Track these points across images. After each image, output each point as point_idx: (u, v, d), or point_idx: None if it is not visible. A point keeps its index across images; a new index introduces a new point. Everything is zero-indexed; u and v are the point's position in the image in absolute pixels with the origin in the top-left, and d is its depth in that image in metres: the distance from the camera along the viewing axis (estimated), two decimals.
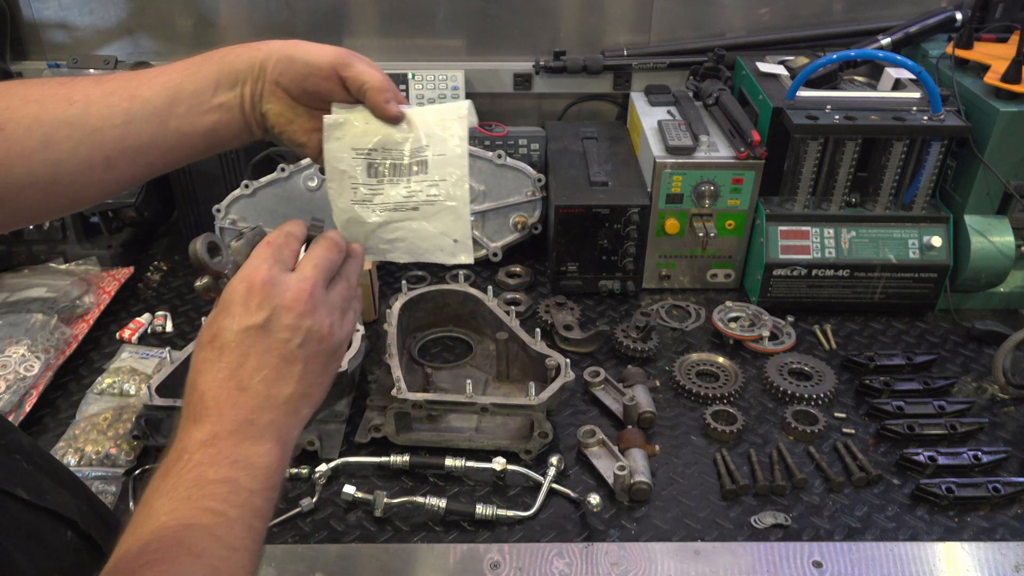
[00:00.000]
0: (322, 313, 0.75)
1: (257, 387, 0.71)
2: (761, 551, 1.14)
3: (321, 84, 0.83)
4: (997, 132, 1.47)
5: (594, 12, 1.87)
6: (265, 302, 0.72)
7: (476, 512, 1.17)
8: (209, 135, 0.83)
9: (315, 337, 0.74)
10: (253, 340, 0.71)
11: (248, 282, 0.73)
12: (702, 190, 1.57)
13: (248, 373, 0.71)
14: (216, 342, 0.72)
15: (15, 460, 0.73)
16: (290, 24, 1.88)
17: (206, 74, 0.82)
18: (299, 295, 0.73)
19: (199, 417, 0.69)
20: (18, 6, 1.86)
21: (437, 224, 0.88)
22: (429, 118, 0.85)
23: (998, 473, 1.27)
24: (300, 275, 0.75)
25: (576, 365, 1.45)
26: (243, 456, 0.68)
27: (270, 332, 0.72)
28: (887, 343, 1.56)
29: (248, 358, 0.71)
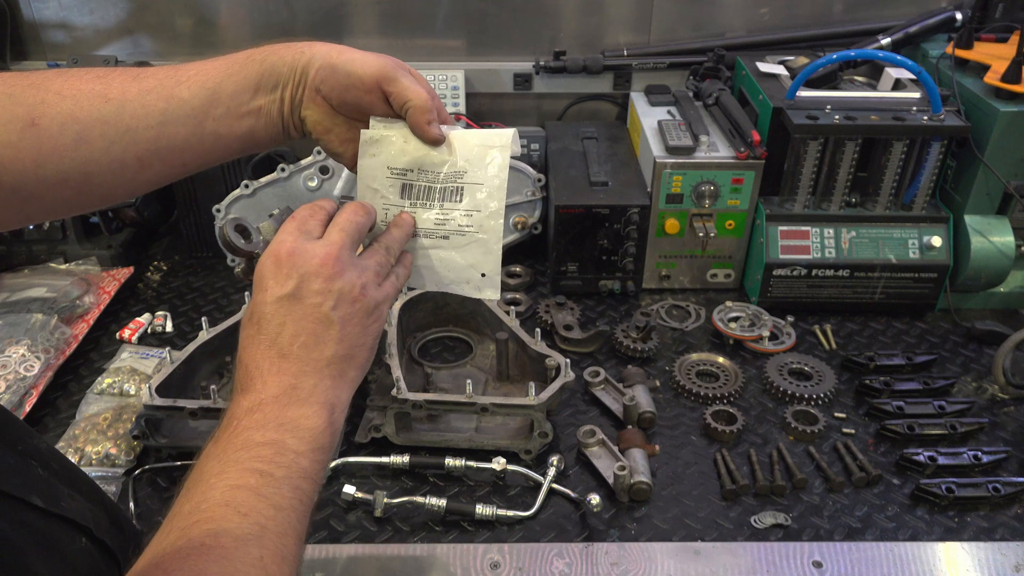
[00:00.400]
0: (352, 275, 0.75)
1: (298, 352, 0.73)
2: (761, 551, 1.14)
3: (363, 97, 0.82)
4: (997, 132, 1.47)
5: (594, 12, 1.87)
6: (293, 271, 0.73)
7: (476, 512, 1.17)
8: (245, 138, 0.82)
9: (347, 298, 0.74)
10: (287, 309, 0.73)
11: (275, 255, 0.74)
12: (702, 190, 1.57)
13: (287, 340, 0.73)
14: (254, 317, 0.74)
15: (31, 466, 0.73)
16: (290, 24, 1.88)
17: (247, 75, 0.80)
18: (326, 259, 0.74)
19: (245, 388, 0.72)
20: (18, 6, 1.86)
21: (467, 256, 0.85)
22: (472, 141, 0.83)
23: (998, 473, 1.27)
24: (326, 240, 0.76)
25: (576, 365, 1.45)
26: (289, 419, 0.70)
27: (301, 299, 0.73)
28: (887, 343, 1.56)
29: (285, 327, 0.73)
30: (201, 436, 1.30)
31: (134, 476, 1.24)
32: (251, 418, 0.70)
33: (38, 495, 0.70)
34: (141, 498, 1.22)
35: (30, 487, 0.70)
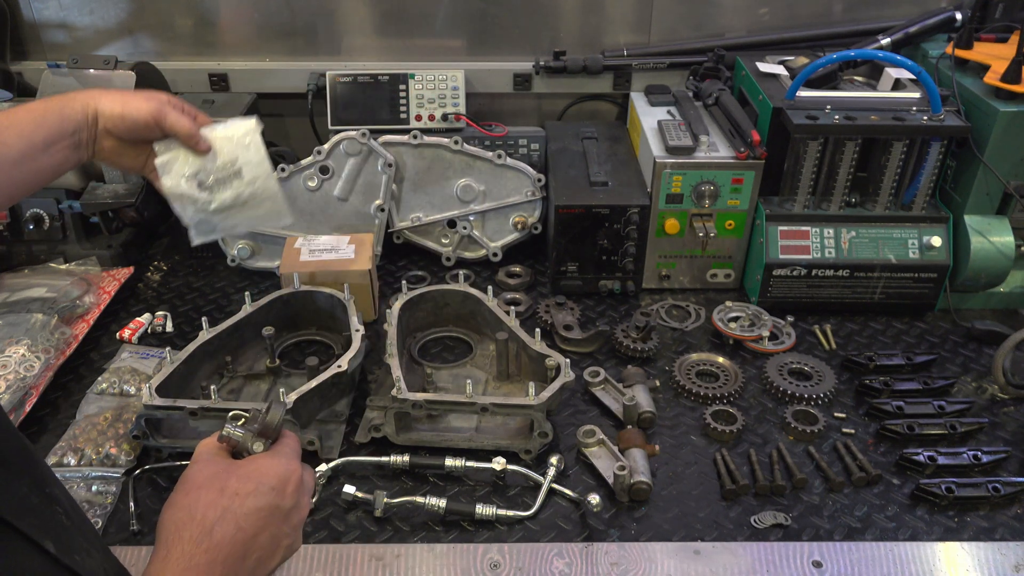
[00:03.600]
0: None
1: (248, 561, 0.77)
2: (761, 551, 1.14)
3: (143, 132, 1.09)
4: (997, 132, 1.47)
5: (594, 12, 1.87)
6: (296, 494, 0.81)
7: (476, 512, 1.17)
8: (52, 172, 1.05)
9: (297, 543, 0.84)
10: (275, 520, 0.79)
11: (289, 470, 0.82)
12: (702, 190, 1.57)
13: (257, 548, 0.77)
14: (241, 501, 0.77)
15: (55, 512, 0.74)
16: (290, 24, 1.88)
17: (50, 125, 1.03)
18: (305, 505, 0.84)
19: (207, 569, 0.73)
20: (18, 6, 1.86)
21: (261, 209, 1.17)
22: (231, 134, 1.14)
23: (998, 473, 1.27)
24: (308, 477, 0.86)
25: (576, 365, 1.45)
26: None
27: (288, 521, 0.80)
28: (887, 343, 1.56)
29: (261, 533, 0.77)
30: (201, 436, 1.30)
31: (134, 476, 1.24)
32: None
33: (52, 542, 0.70)
34: (141, 498, 1.22)
35: (47, 531, 0.70)
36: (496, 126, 1.81)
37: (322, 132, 1.86)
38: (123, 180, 1.72)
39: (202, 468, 0.79)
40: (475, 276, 1.74)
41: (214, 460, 0.80)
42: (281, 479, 0.80)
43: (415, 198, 1.76)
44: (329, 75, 1.80)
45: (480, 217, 1.76)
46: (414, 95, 1.80)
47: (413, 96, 1.80)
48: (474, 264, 1.79)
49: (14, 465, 0.71)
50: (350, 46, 1.91)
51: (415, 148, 1.72)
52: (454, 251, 1.78)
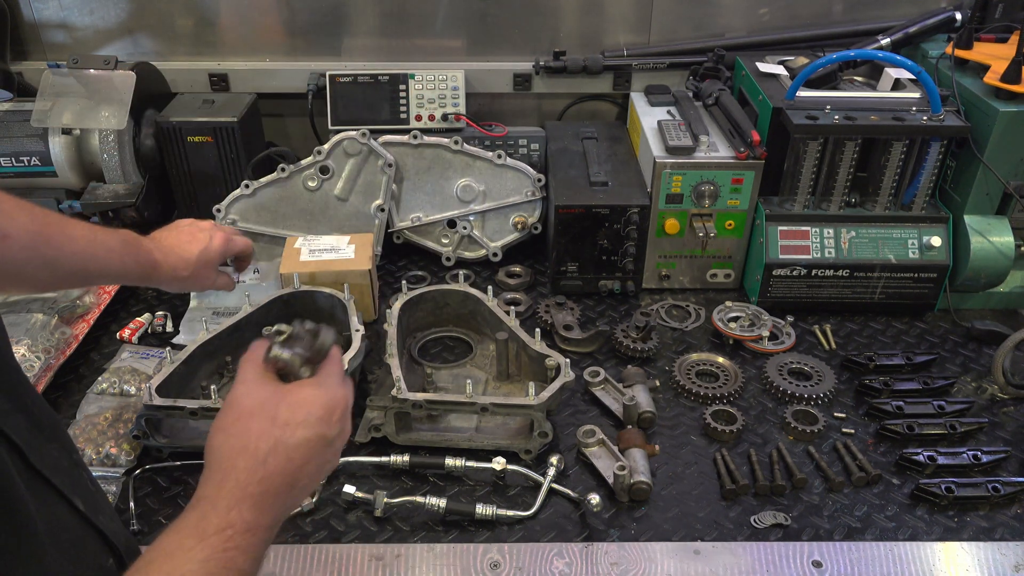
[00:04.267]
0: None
1: (296, 491, 0.78)
2: (761, 551, 1.14)
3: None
4: (997, 132, 1.47)
5: (594, 12, 1.87)
6: (341, 422, 0.81)
7: (476, 512, 1.17)
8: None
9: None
10: (321, 449, 0.79)
11: (335, 399, 0.81)
12: (702, 190, 1.57)
13: (304, 477, 0.78)
14: (292, 432, 0.77)
15: (82, 475, 0.78)
16: (290, 24, 1.88)
17: (123, 271, 1.13)
18: (350, 423, 0.84)
19: (258, 502, 0.74)
20: (18, 6, 1.86)
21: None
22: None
23: (998, 473, 1.27)
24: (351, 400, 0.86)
25: (576, 365, 1.45)
26: (262, 549, 0.74)
27: (331, 448, 0.80)
28: (887, 343, 1.56)
29: (309, 462, 0.78)
30: (201, 436, 1.30)
31: (134, 476, 1.24)
32: (246, 538, 0.72)
33: (81, 500, 0.73)
34: (141, 498, 1.22)
35: (76, 491, 0.73)
36: (496, 126, 1.81)
37: (322, 132, 1.86)
38: (123, 180, 1.72)
39: (250, 392, 0.79)
40: (475, 276, 1.74)
41: (262, 384, 0.80)
42: (328, 408, 0.79)
43: (415, 198, 1.77)
44: (329, 75, 1.80)
45: (480, 217, 1.76)
46: (414, 95, 1.80)
47: (413, 96, 1.80)
48: (474, 264, 1.79)
49: (47, 430, 0.75)
50: (350, 46, 1.91)
51: (415, 148, 1.72)
52: (454, 251, 1.78)
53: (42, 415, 0.77)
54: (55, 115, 1.67)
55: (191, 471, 1.26)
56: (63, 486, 0.71)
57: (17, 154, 1.69)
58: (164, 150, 1.76)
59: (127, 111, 1.66)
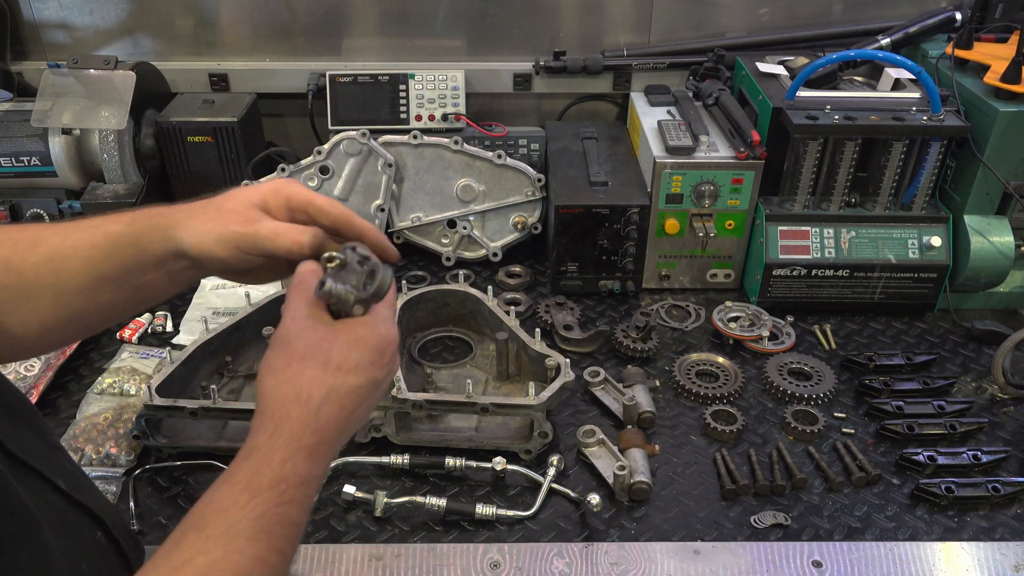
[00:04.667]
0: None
1: (345, 435, 0.76)
2: (761, 551, 1.14)
3: (248, 262, 0.81)
4: (997, 132, 1.47)
5: (594, 12, 1.87)
6: (389, 362, 0.78)
7: (476, 512, 1.17)
8: (141, 302, 0.87)
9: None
10: (371, 392, 0.77)
11: (386, 339, 0.77)
12: (702, 190, 1.57)
13: (355, 421, 0.76)
14: (344, 378, 0.75)
15: (59, 456, 0.77)
16: (290, 24, 1.88)
17: (123, 259, 0.82)
18: (399, 362, 0.81)
19: (312, 453, 0.72)
20: (18, 6, 1.86)
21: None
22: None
23: (998, 473, 1.27)
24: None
25: (576, 365, 1.45)
26: (314, 498, 0.74)
27: (380, 388, 0.78)
28: (887, 343, 1.56)
29: (360, 407, 0.76)
30: (201, 436, 1.30)
31: (134, 476, 1.24)
32: (300, 491, 0.71)
33: (63, 480, 0.72)
34: (141, 498, 1.22)
35: (57, 472, 0.73)
36: (496, 126, 1.81)
37: (322, 132, 1.86)
38: (123, 180, 1.72)
39: (301, 331, 0.75)
40: (475, 276, 1.74)
41: (314, 323, 0.75)
42: (379, 350, 0.77)
43: (415, 198, 1.77)
44: (329, 75, 1.79)
45: (480, 217, 1.76)
46: (414, 95, 1.80)
47: (413, 96, 1.80)
48: (474, 264, 1.79)
49: (20, 415, 0.74)
50: (350, 46, 1.91)
51: (415, 148, 1.72)
52: (454, 251, 1.78)
53: (13, 399, 0.75)
54: (55, 115, 1.67)
55: (191, 471, 1.26)
56: (44, 468, 0.71)
57: (17, 154, 1.69)
58: (164, 150, 1.76)
59: (127, 111, 1.66)
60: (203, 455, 1.27)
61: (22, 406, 0.77)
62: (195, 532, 0.67)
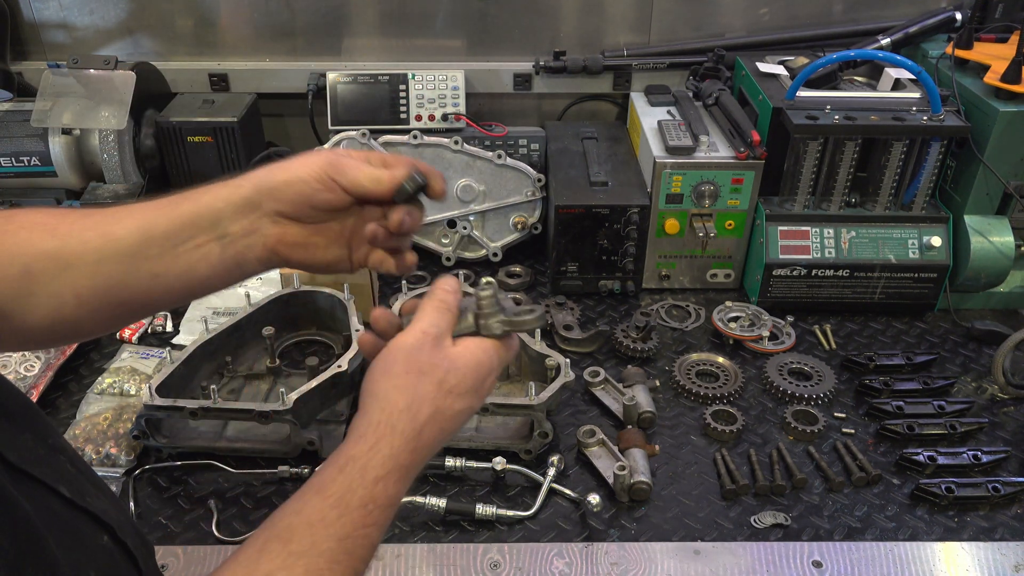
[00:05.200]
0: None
1: (427, 460, 0.76)
2: (761, 551, 1.14)
3: (320, 199, 0.80)
4: (997, 132, 1.47)
5: (594, 12, 1.87)
6: (488, 392, 0.79)
7: (476, 512, 1.17)
8: (184, 276, 0.80)
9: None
10: (465, 419, 0.78)
11: (495, 367, 0.78)
12: (702, 190, 1.57)
13: (440, 446, 0.76)
14: (452, 402, 0.75)
15: (60, 460, 0.75)
16: (290, 24, 1.88)
17: (180, 214, 0.79)
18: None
19: (404, 475, 0.72)
20: (18, 6, 1.86)
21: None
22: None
23: (998, 473, 1.27)
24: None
25: (576, 365, 1.45)
26: (390, 522, 0.73)
27: (471, 415, 0.79)
28: (887, 343, 1.56)
29: (452, 433, 0.77)
30: (201, 436, 1.30)
31: (134, 476, 1.24)
32: (385, 514, 0.71)
33: (66, 486, 0.71)
34: (141, 498, 1.22)
35: (59, 478, 0.71)
36: (496, 126, 1.81)
37: (322, 132, 1.86)
38: (123, 180, 1.72)
39: (427, 346, 0.75)
40: (475, 276, 1.74)
41: (441, 341, 0.76)
42: (485, 378, 0.77)
43: None
44: (329, 75, 1.80)
45: (480, 217, 1.76)
46: (414, 95, 1.80)
47: (413, 96, 1.80)
48: (474, 264, 1.79)
49: (18, 418, 0.72)
50: (350, 46, 1.91)
51: (415, 148, 1.72)
52: (454, 251, 1.78)
53: (12, 404, 0.74)
54: (55, 115, 1.67)
55: (191, 471, 1.26)
56: (45, 476, 0.70)
57: (17, 154, 1.69)
58: (164, 150, 1.76)
59: (127, 111, 1.66)
60: (203, 455, 1.27)
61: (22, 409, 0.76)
62: (279, 544, 0.67)
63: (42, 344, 0.84)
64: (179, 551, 1.13)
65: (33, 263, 0.77)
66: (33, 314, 0.78)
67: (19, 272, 0.77)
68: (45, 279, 0.77)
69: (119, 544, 0.76)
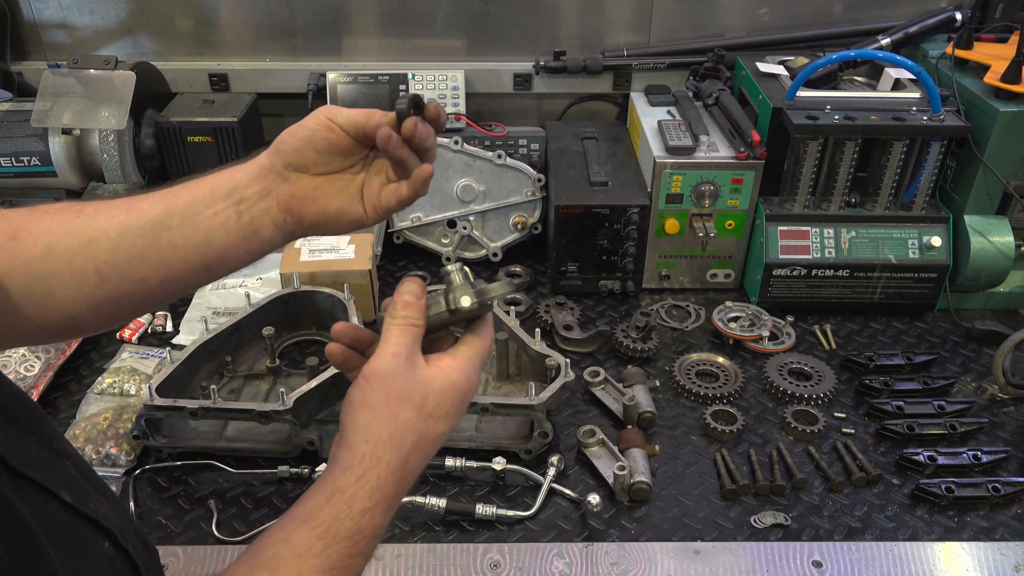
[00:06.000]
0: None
1: (413, 478, 0.76)
2: (761, 551, 1.14)
3: (326, 135, 0.80)
4: (997, 132, 1.47)
5: (594, 12, 1.87)
6: (465, 411, 0.78)
7: (476, 512, 1.17)
8: (202, 246, 0.81)
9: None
10: (443, 440, 0.77)
11: (471, 388, 0.78)
12: (702, 190, 1.57)
13: (422, 463, 0.76)
14: (433, 426, 0.75)
15: (64, 465, 0.75)
16: (290, 24, 1.88)
17: (202, 186, 0.81)
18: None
19: (391, 505, 0.73)
20: (18, 6, 1.86)
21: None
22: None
23: (998, 473, 1.27)
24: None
25: (576, 365, 1.45)
26: (374, 550, 0.73)
27: (445, 436, 0.78)
28: (887, 343, 1.56)
29: (431, 456, 0.77)
30: (201, 436, 1.30)
31: (134, 476, 1.24)
32: (368, 545, 0.72)
33: (68, 492, 0.71)
34: (141, 498, 1.22)
35: (61, 483, 0.71)
36: (496, 126, 1.81)
37: None
38: (123, 180, 1.72)
39: (401, 370, 0.74)
40: (475, 276, 1.74)
41: (414, 363, 0.75)
42: (464, 399, 0.77)
43: None
44: (329, 75, 1.79)
45: (480, 217, 1.76)
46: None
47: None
48: (474, 264, 1.79)
49: (23, 423, 0.73)
50: (350, 46, 1.91)
51: None
52: (454, 251, 1.78)
53: (16, 407, 0.74)
54: (55, 115, 1.67)
55: (191, 471, 1.26)
56: (47, 482, 0.69)
57: (17, 154, 1.69)
58: (164, 150, 1.76)
59: (127, 111, 1.66)
60: (203, 455, 1.27)
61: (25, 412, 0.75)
62: (266, 573, 0.67)
63: (58, 334, 0.85)
64: (179, 551, 1.13)
65: (56, 241, 0.78)
66: (54, 295, 0.79)
67: (42, 252, 0.78)
68: (67, 256, 0.78)
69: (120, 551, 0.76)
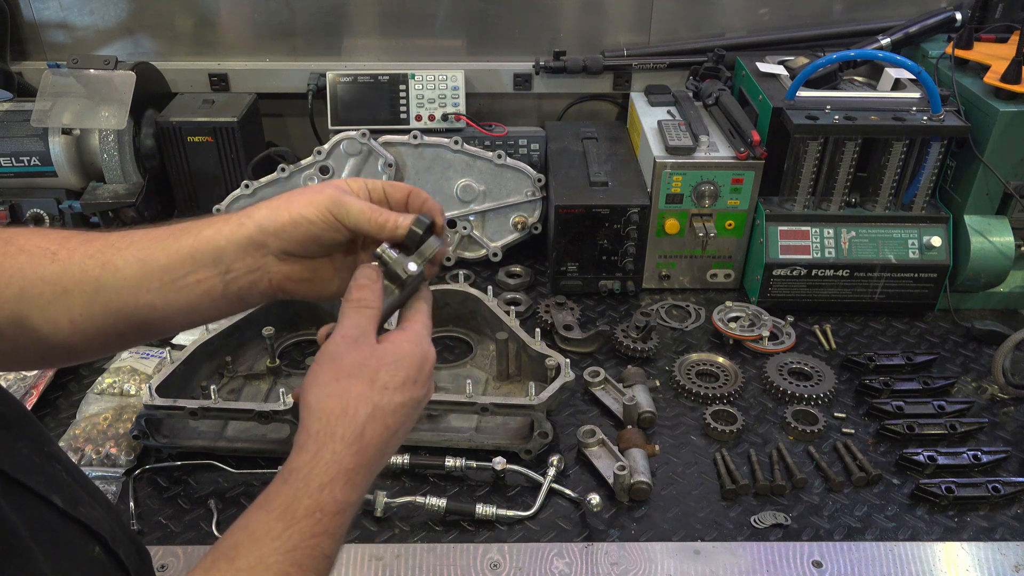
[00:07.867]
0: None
1: (384, 459, 0.75)
2: (761, 551, 1.14)
3: (325, 236, 0.80)
4: (997, 132, 1.47)
5: (594, 12, 1.87)
6: (427, 382, 0.78)
7: (476, 512, 1.17)
8: (185, 308, 0.80)
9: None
10: (412, 412, 0.76)
11: (426, 356, 0.78)
12: (702, 190, 1.57)
13: (394, 444, 0.75)
14: (390, 397, 0.74)
15: (56, 469, 0.74)
16: (290, 24, 1.88)
17: (179, 249, 0.78)
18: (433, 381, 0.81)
19: (351, 479, 0.71)
20: (18, 6, 1.86)
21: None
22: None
23: (998, 473, 1.27)
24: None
25: (576, 365, 1.45)
26: (346, 530, 0.72)
27: (418, 409, 0.78)
28: (887, 343, 1.56)
29: (401, 428, 0.75)
30: (201, 436, 1.30)
31: (134, 476, 1.24)
32: (335, 521, 0.71)
33: (59, 496, 0.71)
34: (141, 498, 1.22)
35: (52, 487, 0.71)
36: (496, 126, 1.81)
37: (322, 132, 1.86)
38: (123, 180, 1.72)
39: (351, 349, 0.74)
40: (475, 276, 1.74)
41: (363, 341, 0.75)
42: (419, 367, 0.77)
43: None
44: (329, 75, 1.80)
45: (480, 217, 1.76)
46: (414, 95, 1.80)
47: (413, 96, 1.80)
48: (474, 264, 1.79)
49: (15, 427, 0.72)
50: (350, 46, 1.91)
51: (415, 148, 1.72)
52: (454, 251, 1.78)
53: (8, 409, 0.73)
54: (55, 115, 1.67)
55: (191, 471, 1.26)
56: (38, 486, 0.69)
57: (17, 154, 1.69)
58: (164, 150, 1.76)
59: (127, 111, 1.66)
60: (203, 455, 1.27)
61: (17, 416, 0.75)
62: (226, 562, 0.66)
63: (35, 366, 0.84)
64: (179, 551, 1.13)
65: (30, 287, 0.77)
66: (27, 337, 0.78)
67: (15, 295, 0.77)
68: (41, 303, 0.77)
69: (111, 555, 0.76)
